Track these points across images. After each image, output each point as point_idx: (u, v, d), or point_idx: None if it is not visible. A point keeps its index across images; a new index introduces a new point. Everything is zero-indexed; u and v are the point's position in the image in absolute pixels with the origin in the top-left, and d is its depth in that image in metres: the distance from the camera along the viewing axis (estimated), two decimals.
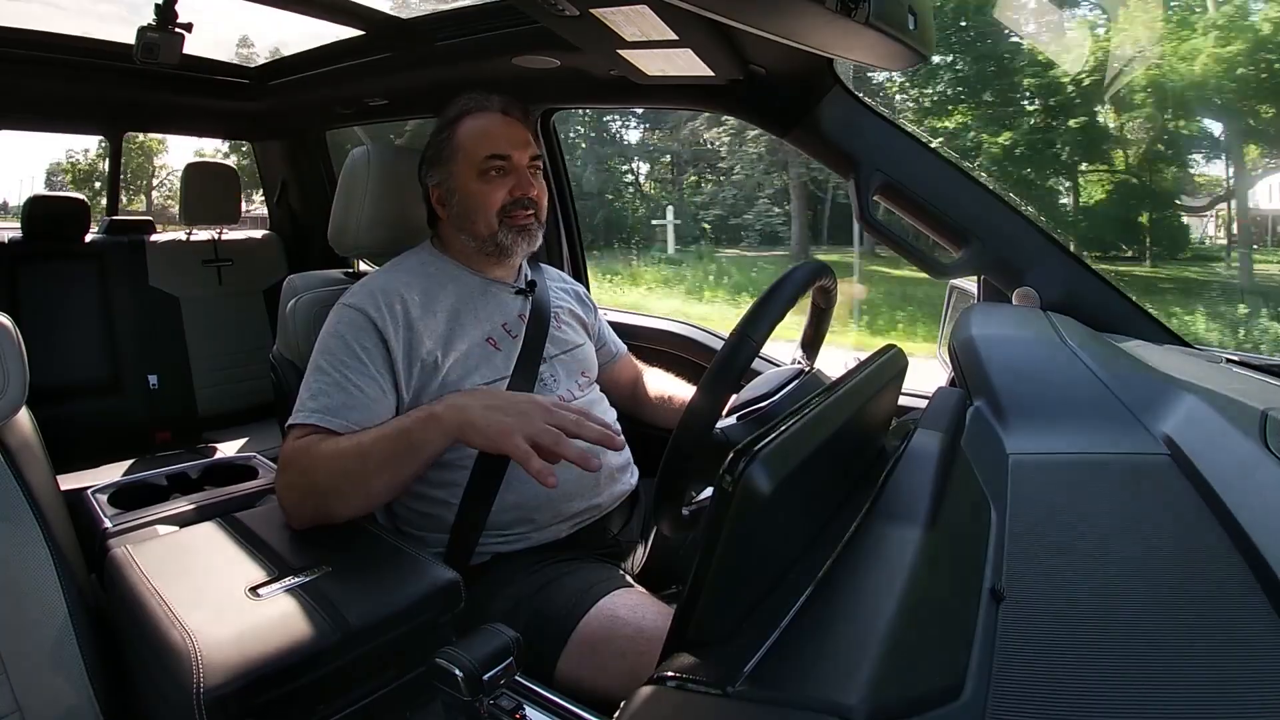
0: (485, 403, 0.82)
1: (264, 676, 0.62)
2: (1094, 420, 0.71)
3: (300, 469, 0.87)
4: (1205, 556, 0.50)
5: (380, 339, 0.95)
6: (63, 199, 2.09)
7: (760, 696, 0.34)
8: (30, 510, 0.76)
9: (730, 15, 0.65)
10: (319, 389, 0.92)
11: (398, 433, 0.85)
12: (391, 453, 0.84)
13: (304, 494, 0.86)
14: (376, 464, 0.84)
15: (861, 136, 1.10)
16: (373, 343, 0.95)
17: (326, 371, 0.93)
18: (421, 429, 0.83)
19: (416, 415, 0.85)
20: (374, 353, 0.95)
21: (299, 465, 0.87)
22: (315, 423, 0.89)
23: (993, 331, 0.85)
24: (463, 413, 0.82)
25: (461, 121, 1.06)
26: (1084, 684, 0.40)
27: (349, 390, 0.92)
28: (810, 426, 0.44)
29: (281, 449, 0.90)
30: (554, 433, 0.78)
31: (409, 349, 0.96)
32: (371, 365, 0.94)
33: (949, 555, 0.48)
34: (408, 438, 0.84)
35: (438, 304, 1.01)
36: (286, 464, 0.88)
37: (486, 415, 0.80)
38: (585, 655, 0.83)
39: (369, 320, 0.96)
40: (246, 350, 2.25)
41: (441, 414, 0.83)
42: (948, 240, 1.12)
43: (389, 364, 0.95)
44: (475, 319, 1.03)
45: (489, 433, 0.79)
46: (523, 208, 1.04)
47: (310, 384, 0.94)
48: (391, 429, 0.86)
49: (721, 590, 0.38)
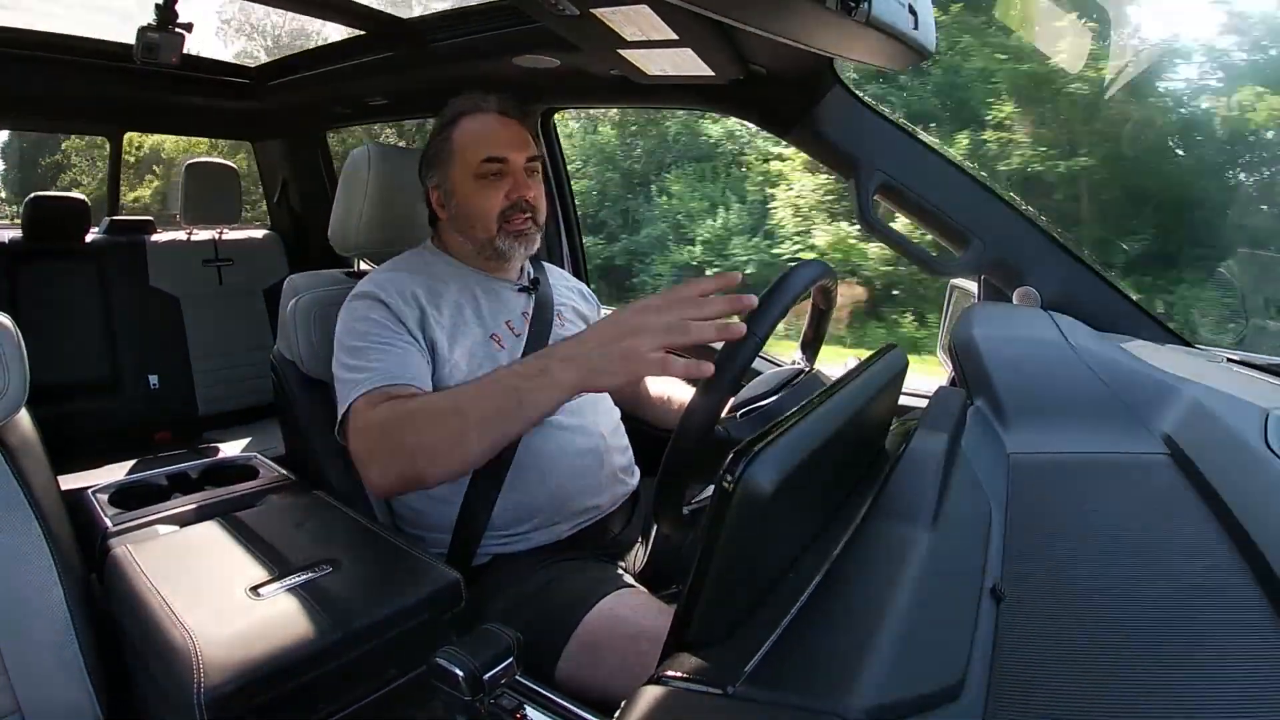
0: (598, 342, 0.72)
1: (264, 676, 0.62)
2: (1094, 420, 0.71)
3: (383, 431, 0.83)
4: (1205, 556, 0.50)
5: (398, 319, 0.96)
6: (63, 199, 2.09)
7: (760, 696, 0.34)
8: (30, 510, 0.76)
9: (730, 15, 0.65)
10: (365, 363, 0.91)
11: (504, 390, 0.76)
12: (495, 410, 0.76)
13: (390, 455, 0.82)
14: (477, 421, 0.77)
15: (862, 136, 1.10)
16: (394, 319, 0.96)
17: (366, 347, 0.93)
18: (533, 387, 0.75)
19: (524, 370, 0.77)
20: (399, 325, 0.96)
21: (381, 428, 0.83)
22: (380, 385, 0.88)
23: (993, 331, 0.85)
24: (581, 366, 0.72)
25: (459, 123, 1.06)
26: (1084, 683, 0.40)
27: (395, 353, 0.92)
28: (810, 426, 0.44)
29: (352, 425, 0.88)
30: (680, 324, 0.69)
31: (422, 330, 0.97)
32: (405, 332, 0.95)
33: (949, 555, 0.48)
34: (517, 395, 0.75)
35: (442, 300, 1.01)
36: (365, 430, 0.85)
37: (605, 354, 0.71)
38: (586, 655, 0.83)
39: (383, 304, 0.97)
40: (247, 350, 2.25)
41: (557, 372, 0.74)
42: (948, 240, 1.12)
43: (412, 334, 0.96)
44: (479, 316, 1.03)
45: (617, 369, 0.70)
46: (520, 211, 1.04)
47: (350, 365, 0.92)
48: (494, 385, 0.78)
49: (722, 590, 0.38)
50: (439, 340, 0.98)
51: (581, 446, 1.00)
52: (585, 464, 1.01)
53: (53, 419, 0.94)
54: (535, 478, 0.97)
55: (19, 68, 1.69)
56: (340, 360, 0.95)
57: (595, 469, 1.02)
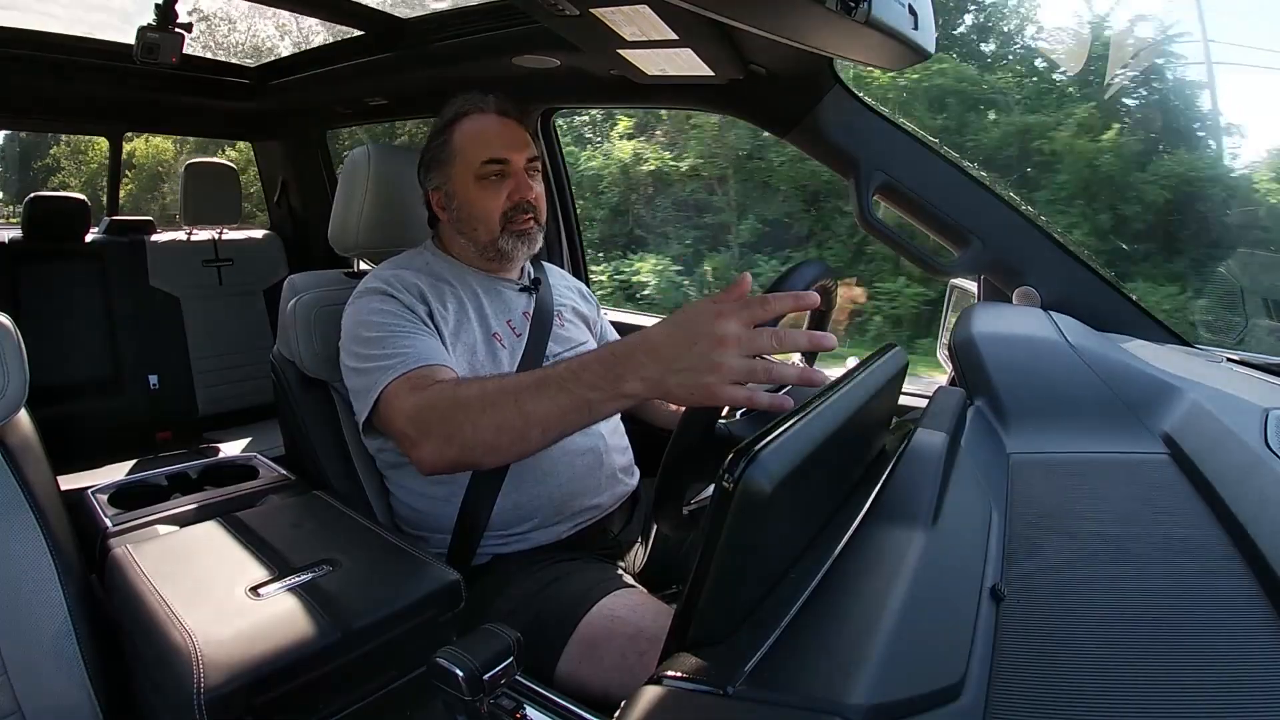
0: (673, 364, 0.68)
1: (264, 676, 0.62)
2: (1094, 420, 0.71)
3: (438, 414, 0.82)
4: (1205, 556, 0.50)
5: (410, 310, 0.96)
6: (63, 198, 2.09)
7: (760, 696, 0.34)
8: (30, 510, 0.76)
9: (730, 15, 0.65)
10: (393, 349, 0.90)
11: (575, 399, 0.74)
12: (561, 415, 0.75)
13: (446, 441, 0.81)
14: (540, 421, 0.76)
15: (861, 136, 1.10)
16: (403, 308, 0.96)
17: (388, 336, 0.92)
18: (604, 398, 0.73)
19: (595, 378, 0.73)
20: (410, 313, 0.96)
21: (436, 410, 0.82)
22: (418, 365, 0.88)
23: (993, 331, 0.85)
24: (658, 385, 0.69)
25: (458, 124, 1.05)
26: (1084, 684, 0.40)
27: (421, 338, 0.92)
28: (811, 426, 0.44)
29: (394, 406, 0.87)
30: (758, 366, 0.66)
31: (430, 321, 0.98)
32: (417, 321, 0.95)
33: (949, 555, 0.48)
34: (589, 406, 0.74)
35: (445, 299, 1.01)
36: (415, 411, 0.84)
37: (681, 382, 0.67)
38: (586, 655, 0.83)
39: (394, 297, 0.97)
40: (247, 350, 2.25)
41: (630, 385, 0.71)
42: (948, 240, 1.12)
43: (425, 323, 0.96)
44: (480, 315, 1.03)
45: (698, 396, 0.67)
46: (523, 212, 1.04)
47: (369, 354, 0.91)
48: (563, 389, 0.75)
49: (721, 590, 0.38)
50: (444, 336, 0.98)
51: (581, 446, 1.00)
52: (585, 464, 1.01)
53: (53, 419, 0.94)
54: (535, 478, 0.97)
55: (19, 68, 1.69)
56: (355, 352, 0.94)
57: (595, 469, 1.02)
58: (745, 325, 0.65)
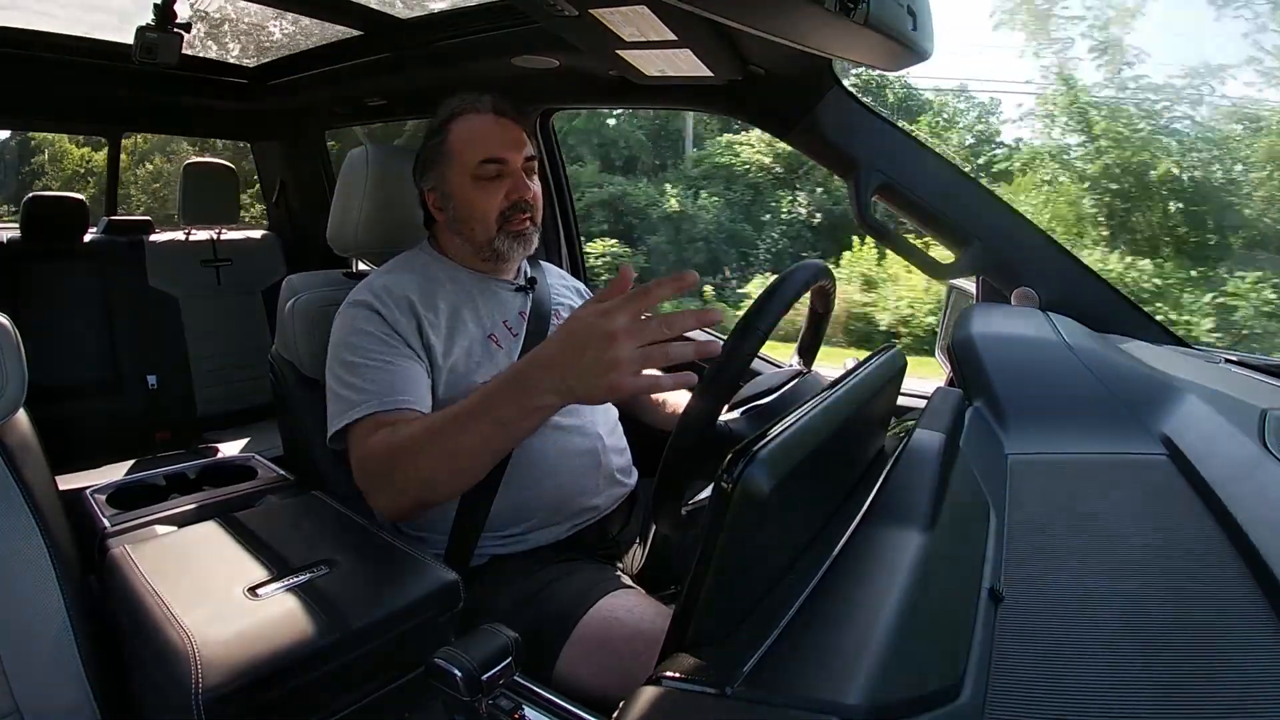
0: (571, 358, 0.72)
1: (263, 676, 0.62)
2: (1093, 420, 0.71)
3: (381, 464, 0.86)
4: (1204, 557, 0.50)
5: (393, 329, 0.96)
6: (62, 199, 2.08)
7: (759, 697, 0.34)
8: (29, 510, 0.76)
9: (730, 16, 0.65)
10: (361, 382, 0.92)
11: (491, 424, 0.78)
12: (483, 441, 0.80)
13: (392, 487, 0.85)
14: (468, 452, 0.80)
15: (861, 137, 1.10)
16: (389, 330, 0.96)
17: (360, 363, 0.93)
18: (514, 416, 0.77)
19: (504, 398, 0.78)
20: (395, 336, 0.96)
21: (379, 460, 0.86)
22: (374, 410, 0.89)
23: (992, 331, 0.85)
24: (564, 393, 0.74)
25: (454, 124, 1.05)
26: (1082, 684, 0.40)
27: (393, 371, 0.92)
28: (809, 426, 0.44)
29: (352, 453, 0.90)
30: (654, 352, 0.70)
31: (418, 337, 0.97)
32: (400, 345, 0.95)
33: (948, 556, 0.48)
34: (502, 430, 0.78)
35: (439, 302, 1.01)
36: (364, 462, 0.88)
37: (585, 384, 0.71)
38: (584, 655, 0.83)
39: (377, 313, 0.97)
40: (246, 350, 2.25)
41: (538, 398, 0.75)
42: (947, 241, 1.12)
43: (410, 345, 0.96)
44: (476, 316, 1.03)
45: (602, 394, 0.72)
46: (520, 211, 1.04)
47: (347, 380, 0.93)
48: (479, 417, 0.79)
49: (720, 591, 0.38)
50: (435, 345, 0.97)
51: (579, 447, 1.00)
52: (583, 465, 1.01)
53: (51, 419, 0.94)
54: (533, 479, 0.97)
55: (18, 68, 1.69)
56: (334, 372, 0.95)
57: (593, 470, 1.02)
58: (632, 318, 0.69)
